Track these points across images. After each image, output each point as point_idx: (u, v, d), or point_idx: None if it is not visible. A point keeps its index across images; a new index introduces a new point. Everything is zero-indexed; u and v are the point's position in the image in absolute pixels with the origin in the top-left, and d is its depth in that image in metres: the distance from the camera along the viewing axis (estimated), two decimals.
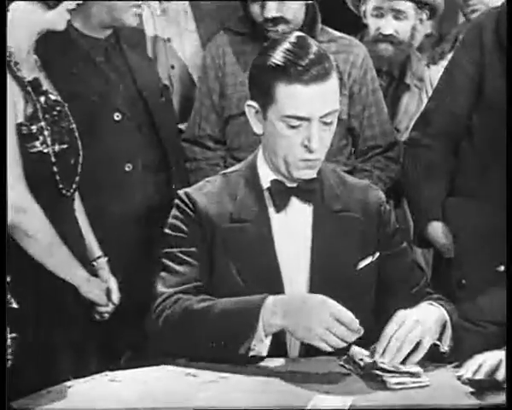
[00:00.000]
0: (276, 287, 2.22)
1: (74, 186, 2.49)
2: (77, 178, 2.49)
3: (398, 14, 3.35)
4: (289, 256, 2.26)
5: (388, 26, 3.36)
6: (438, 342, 2.16)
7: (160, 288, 2.23)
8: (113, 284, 2.62)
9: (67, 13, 2.41)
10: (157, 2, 3.35)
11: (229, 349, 2.10)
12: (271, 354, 2.13)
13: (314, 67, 2.14)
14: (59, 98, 2.49)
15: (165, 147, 2.90)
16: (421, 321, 2.12)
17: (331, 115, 2.19)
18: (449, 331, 2.21)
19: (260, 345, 2.10)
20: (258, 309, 2.09)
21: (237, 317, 2.11)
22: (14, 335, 2.24)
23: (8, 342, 2.20)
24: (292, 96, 2.15)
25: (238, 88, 3.07)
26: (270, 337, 2.11)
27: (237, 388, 1.99)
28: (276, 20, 3.02)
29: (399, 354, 2.07)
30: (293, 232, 2.27)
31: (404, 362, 2.06)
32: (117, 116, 2.81)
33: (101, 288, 2.56)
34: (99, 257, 2.63)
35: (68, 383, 2.01)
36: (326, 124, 2.19)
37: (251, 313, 2.10)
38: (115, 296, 2.61)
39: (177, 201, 2.31)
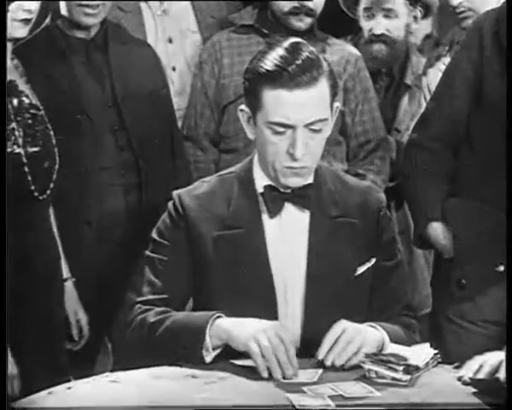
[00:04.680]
0: (269, 296, 2.22)
1: (48, 192, 2.48)
2: (51, 185, 2.48)
3: (388, 13, 3.37)
4: (284, 264, 2.23)
5: (379, 25, 3.37)
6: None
7: (130, 295, 2.26)
8: (82, 316, 2.66)
9: (20, 22, 2.38)
10: (158, 2, 3.35)
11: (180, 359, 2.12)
12: None
13: (300, 73, 2.11)
14: (35, 102, 2.48)
15: (137, 151, 2.88)
16: (362, 333, 2.12)
17: (319, 123, 2.15)
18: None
19: (207, 354, 2.11)
20: (205, 326, 2.11)
21: (185, 331, 2.13)
22: None
23: None
24: (276, 102, 2.12)
25: (235, 77, 3.10)
26: (217, 350, 2.12)
27: (237, 388, 1.99)
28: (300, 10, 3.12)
29: (341, 357, 2.08)
30: (287, 239, 2.24)
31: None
32: (79, 118, 2.80)
33: None
34: (66, 279, 2.63)
35: (68, 384, 2.01)
36: (313, 131, 2.15)
37: (198, 329, 2.11)
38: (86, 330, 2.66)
39: (169, 204, 2.29)
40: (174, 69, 3.33)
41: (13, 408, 1.91)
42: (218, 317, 2.13)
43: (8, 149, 2.38)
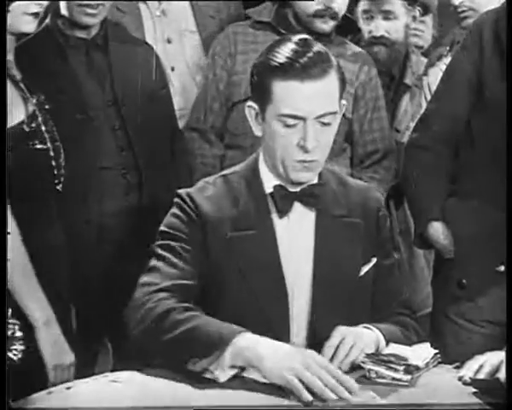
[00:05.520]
0: (280, 296, 2.19)
1: (61, 185, 2.49)
2: (62, 178, 2.49)
3: (387, 15, 3.38)
4: (292, 263, 2.22)
5: (379, 27, 3.39)
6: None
7: (154, 279, 2.13)
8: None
9: (31, 16, 2.38)
10: (156, 2, 3.34)
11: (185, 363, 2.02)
12: None
13: (311, 64, 2.12)
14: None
15: (137, 151, 2.87)
16: (360, 336, 2.12)
17: (329, 116, 2.15)
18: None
19: (221, 372, 2.00)
20: (230, 340, 1.98)
21: (204, 338, 2.00)
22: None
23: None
24: (287, 94, 2.12)
25: (247, 75, 3.07)
26: (234, 370, 2.00)
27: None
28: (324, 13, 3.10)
29: (345, 363, 2.06)
30: (295, 238, 2.23)
31: None
32: (79, 117, 2.80)
33: (54, 339, 2.38)
34: None
35: (68, 384, 2.01)
36: (323, 124, 2.15)
37: (221, 340, 1.98)
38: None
39: (177, 200, 2.24)
40: (173, 69, 3.32)
41: (12, 408, 1.90)
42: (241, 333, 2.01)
43: (37, 147, 2.39)
